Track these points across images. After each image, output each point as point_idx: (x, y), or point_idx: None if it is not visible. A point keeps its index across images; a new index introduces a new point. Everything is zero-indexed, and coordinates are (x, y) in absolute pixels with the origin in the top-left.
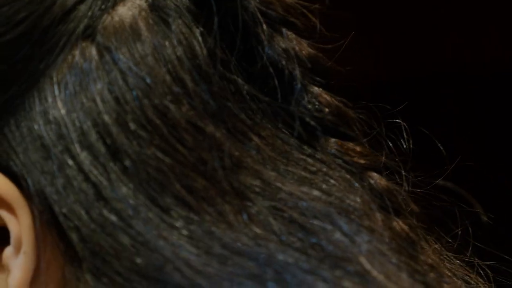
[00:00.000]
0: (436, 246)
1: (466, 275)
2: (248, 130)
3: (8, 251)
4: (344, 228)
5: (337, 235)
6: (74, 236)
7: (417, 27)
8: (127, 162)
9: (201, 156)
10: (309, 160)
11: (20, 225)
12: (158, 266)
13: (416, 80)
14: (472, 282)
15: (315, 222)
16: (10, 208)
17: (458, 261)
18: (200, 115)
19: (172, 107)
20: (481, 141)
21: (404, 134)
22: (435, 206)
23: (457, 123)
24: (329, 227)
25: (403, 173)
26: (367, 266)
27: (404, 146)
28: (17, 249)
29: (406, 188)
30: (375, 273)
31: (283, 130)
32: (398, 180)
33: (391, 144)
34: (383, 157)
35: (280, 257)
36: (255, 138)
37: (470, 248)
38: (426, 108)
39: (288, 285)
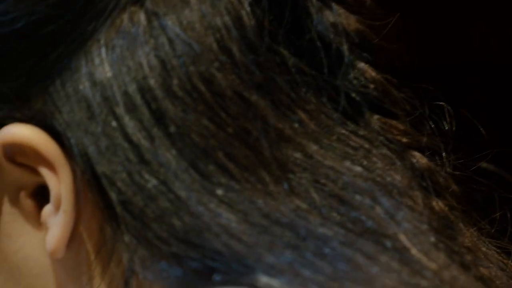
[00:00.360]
0: (473, 230)
1: (501, 261)
2: (292, 104)
3: (47, 209)
4: (384, 205)
5: (378, 211)
6: (114, 197)
7: (444, 16)
8: (171, 128)
9: (245, 125)
10: (352, 136)
11: (61, 183)
12: (197, 231)
13: (443, 68)
14: (507, 269)
15: (356, 197)
16: (51, 166)
17: (494, 247)
18: (246, 85)
19: (218, 75)
20: (507, 130)
21: (447, 116)
22: (474, 190)
23: (483, 112)
24: (369, 203)
25: (444, 154)
26: (406, 243)
27: (446, 128)
28: (57, 208)
29: (447, 169)
30: (414, 250)
31: (327, 104)
32: (438, 161)
33: (432, 125)
34: (425, 138)
35: (320, 230)
36: (299, 112)
37: (508, 235)
38: (453, 96)
39: (326, 257)
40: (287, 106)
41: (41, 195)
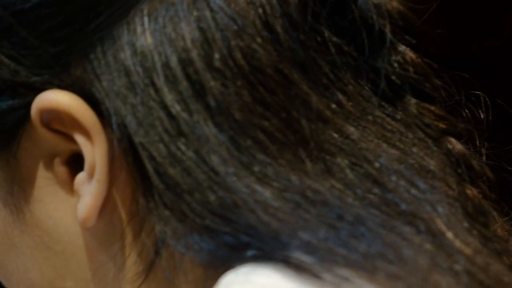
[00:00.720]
0: (505, 219)
1: None
2: (331, 84)
3: (80, 177)
4: (420, 188)
5: (413, 194)
6: (150, 168)
7: (474, 7)
8: (210, 101)
9: (284, 102)
10: (389, 119)
11: (96, 152)
12: (232, 206)
13: (473, 59)
14: None
15: (392, 179)
16: (87, 134)
17: None
18: (287, 62)
19: (259, 51)
20: None
21: (482, 105)
22: (506, 179)
23: None
24: (405, 185)
25: (478, 143)
26: (441, 226)
27: (482, 116)
28: (90, 176)
29: (482, 157)
30: (449, 234)
31: (366, 86)
32: (472, 149)
33: (468, 113)
34: (461, 124)
35: (355, 210)
36: (338, 93)
37: None
38: (483, 87)
39: (361, 237)
40: (326, 87)
41: (75, 162)
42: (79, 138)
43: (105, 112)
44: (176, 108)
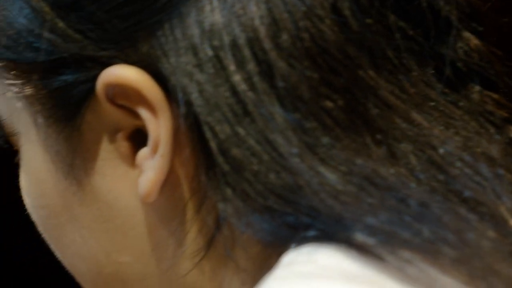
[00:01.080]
0: None
1: None
2: (395, 70)
3: (143, 152)
4: (484, 175)
5: (477, 181)
6: (214, 146)
7: None
8: (278, 81)
9: (350, 85)
10: (452, 106)
11: (160, 127)
12: (295, 187)
13: None
14: None
15: (456, 166)
16: (152, 110)
17: None
18: (353, 46)
19: (327, 32)
20: None
21: None
22: None
23: None
24: (469, 172)
25: None
26: (505, 214)
27: None
28: (154, 151)
29: None
30: None
31: (429, 73)
32: None
33: None
34: None
35: (419, 195)
36: (402, 78)
37: None
38: None
39: (425, 221)
40: (390, 72)
41: (137, 138)
42: (145, 114)
43: (171, 88)
44: (242, 87)
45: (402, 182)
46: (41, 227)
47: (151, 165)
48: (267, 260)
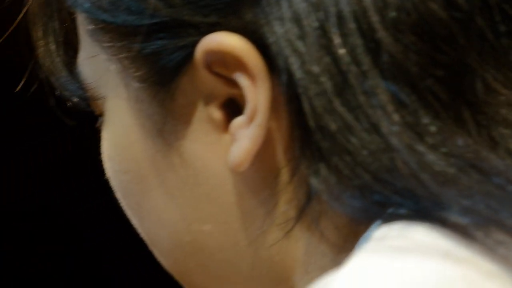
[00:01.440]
0: None
1: None
2: (495, 53)
3: (239, 120)
4: None
5: None
6: (311, 121)
7: None
8: (383, 56)
9: (455, 65)
10: None
11: (259, 96)
12: (391, 167)
13: None
14: None
15: None
16: (252, 78)
17: None
18: (459, 27)
19: (435, 9)
20: None
21: None
22: None
23: None
24: None
25: None
26: None
27: None
28: (250, 120)
29: None
30: None
31: None
32: None
33: None
34: None
35: None
36: (504, 61)
37: None
38: None
39: None
40: (491, 55)
41: (230, 107)
42: (244, 81)
43: (272, 58)
44: (346, 60)
45: (501, 165)
46: (120, 193)
47: (247, 134)
48: (353, 233)
